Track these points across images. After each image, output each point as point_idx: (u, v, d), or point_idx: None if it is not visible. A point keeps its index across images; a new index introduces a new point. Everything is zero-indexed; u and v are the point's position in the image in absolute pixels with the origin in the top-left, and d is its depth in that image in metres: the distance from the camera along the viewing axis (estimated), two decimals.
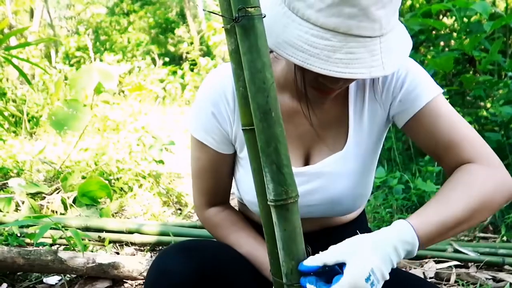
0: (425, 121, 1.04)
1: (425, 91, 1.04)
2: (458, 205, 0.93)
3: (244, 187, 1.14)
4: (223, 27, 0.87)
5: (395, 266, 0.86)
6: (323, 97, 1.00)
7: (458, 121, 1.04)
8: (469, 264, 2.26)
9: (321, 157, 1.11)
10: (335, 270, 0.85)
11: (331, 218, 1.20)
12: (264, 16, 0.83)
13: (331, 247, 0.86)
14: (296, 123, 1.10)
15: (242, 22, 0.80)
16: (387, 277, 0.84)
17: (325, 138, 1.11)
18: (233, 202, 1.31)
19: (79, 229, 2.47)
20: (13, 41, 6.68)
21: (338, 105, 1.11)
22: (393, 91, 1.07)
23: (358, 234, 0.89)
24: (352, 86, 1.09)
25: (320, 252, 0.86)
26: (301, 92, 1.03)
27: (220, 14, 0.86)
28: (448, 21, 4.18)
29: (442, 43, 3.94)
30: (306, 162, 1.12)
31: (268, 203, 0.85)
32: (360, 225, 1.28)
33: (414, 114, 1.05)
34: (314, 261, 0.84)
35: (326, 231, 1.21)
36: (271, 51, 1.08)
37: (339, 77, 0.85)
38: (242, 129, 0.89)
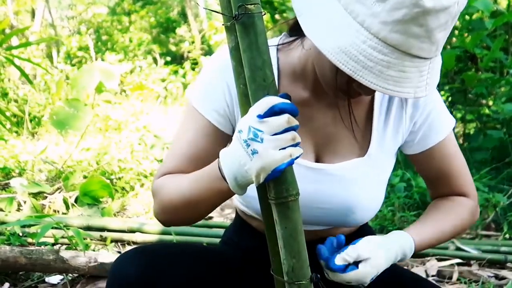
0: (435, 156, 1.12)
1: (442, 127, 1.09)
2: (448, 229, 1.13)
3: None
4: (223, 24, 0.87)
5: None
6: (347, 98, 0.99)
7: (460, 159, 1.15)
8: (471, 262, 2.26)
9: (337, 158, 1.07)
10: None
11: (334, 230, 1.14)
12: (265, 14, 0.83)
13: (352, 246, 0.97)
14: (306, 115, 1.05)
15: (242, 20, 0.80)
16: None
17: (341, 139, 1.08)
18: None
19: (81, 228, 2.47)
20: (14, 42, 6.68)
21: (362, 106, 1.08)
22: (419, 116, 1.08)
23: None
24: (378, 93, 1.07)
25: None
26: (317, 84, 1.01)
27: (220, 12, 0.85)
28: None
29: None
30: (317, 158, 1.08)
31: (269, 201, 0.85)
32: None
33: (427, 148, 1.10)
34: (342, 260, 0.96)
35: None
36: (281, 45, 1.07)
37: (385, 93, 0.84)
38: None
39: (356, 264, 0.97)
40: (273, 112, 0.79)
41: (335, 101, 1.06)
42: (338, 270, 0.95)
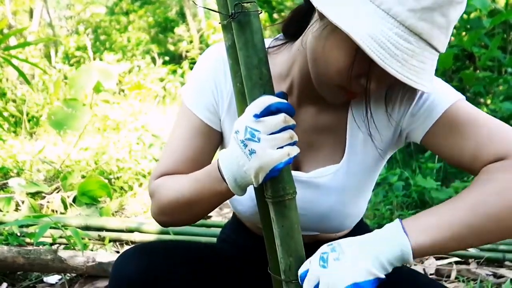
0: (442, 133, 0.94)
1: (439, 100, 0.94)
2: (463, 223, 0.80)
3: None
4: (219, 23, 0.87)
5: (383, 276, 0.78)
6: (346, 97, 0.92)
7: (482, 119, 0.92)
8: (470, 260, 2.26)
9: (315, 165, 1.04)
10: None
11: (321, 235, 1.13)
12: (261, 12, 0.83)
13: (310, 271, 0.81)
14: None
15: (239, 18, 0.80)
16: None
17: (320, 146, 1.05)
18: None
19: (79, 228, 2.47)
20: (12, 42, 6.67)
21: (337, 111, 1.03)
22: (404, 105, 0.98)
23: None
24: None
25: None
26: (302, 90, 1.00)
27: (217, 10, 0.85)
28: None
29: None
30: (296, 167, 1.05)
31: (266, 199, 0.85)
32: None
33: (429, 128, 0.95)
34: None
35: (317, 244, 1.00)
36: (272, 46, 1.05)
37: (409, 84, 0.79)
38: None
39: None
40: (269, 111, 0.79)
41: (317, 108, 1.03)
42: None
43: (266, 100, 0.80)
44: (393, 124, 1.00)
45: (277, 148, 0.79)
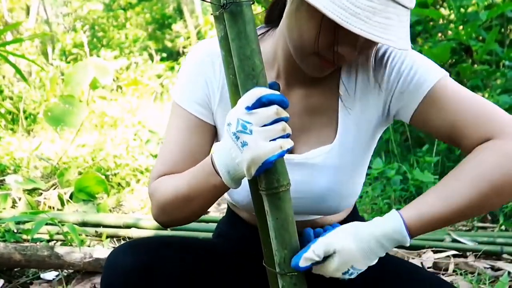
0: (431, 110, 0.96)
1: (426, 77, 0.96)
2: (457, 197, 0.86)
3: None
4: (211, 14, 0.86)
5: (382, 255, 0.87)
6: (324, 69, 0.94)
7: (469, 98, 0.95)
8: (467, 253, 2.25)
9: (308, 147, 1.04)
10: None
11: (319, 218, 1.13)
12: (253, 3, 0.82)
13: (320, 239, 0.86)
14: None
15: (231, 8, 0.79)
16: (371, 264, 0.87)
17: (312, 128, 1.05)
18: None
19: (76, 224, 2.46)
20: (9, 39, 6.64)
21: (327, 92, 1.04)
22: (391, 83, 0.99)
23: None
24: (343, 74, 1.03)
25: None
26: (289, 73, 1.02)
27: (209, 1, 0.85)
28: (445, 11, 4.16)
29: (439, 34, 3.92)
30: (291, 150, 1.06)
31: (260, 191, 0.85)
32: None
33: (418, 106, 0.96)
34: (306, 261, 0.84)
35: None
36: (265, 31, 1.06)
37: (376, 41, 0.81)
38: None
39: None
40: (261, 103, 0.79)
41: (307, 90, 1.05)
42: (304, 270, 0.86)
43: (257, 92, 0.79)
44: (381, 102, 1.02)
45: (270, 141, 0.79)
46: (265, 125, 0.79)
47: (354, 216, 1.21)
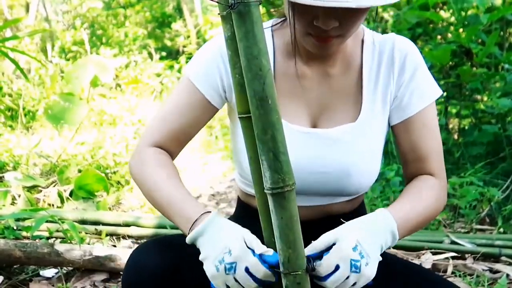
0: (414, 127, 1.11)
1: (425, 94, 1.10)
2: (425, 209, 1.06)
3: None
4: (219, 14, 0.86)
5: (384, 246, 0.94)
6: (321, 45, 1.00)
7: (436, 133, 1.13)
8: (466, 255, 2.26)
9: (331, 124, 1.11)
10: None
11: (332, 205, 1.17)
12: (261, 3, 0.83)
13: (322, 235, 0.92)
14: (302, 87, 1.12)
15: (238, 8, 0.79)
16: (378, 256, 0.92)
17: (335, 107, 1.12)
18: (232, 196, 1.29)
19: (75, 222, 2.46)
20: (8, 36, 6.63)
21: (351, 75, 1.13)
22: (403, 79, 1.10)
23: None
24: (367, 59, 1.12)
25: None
26: (309, 56, 1.09)
27: (216, 1, 0.85)
28: (445, 14, 4.17)
29: (439, 36, 3.93)
30: (313, 126, 1.12)
31: (265, 191, 0.85)
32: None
33: (409, 117, 1.11)
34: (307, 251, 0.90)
35: (325, 220, 1.15)
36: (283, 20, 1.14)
37: (330, 6, 0.86)
38: (239, 117, 0.88)
39: None
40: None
41: (328, 70, 1.12)
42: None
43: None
44: (394, 88, 1.12)
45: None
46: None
47: (362, 208, 1.27)
